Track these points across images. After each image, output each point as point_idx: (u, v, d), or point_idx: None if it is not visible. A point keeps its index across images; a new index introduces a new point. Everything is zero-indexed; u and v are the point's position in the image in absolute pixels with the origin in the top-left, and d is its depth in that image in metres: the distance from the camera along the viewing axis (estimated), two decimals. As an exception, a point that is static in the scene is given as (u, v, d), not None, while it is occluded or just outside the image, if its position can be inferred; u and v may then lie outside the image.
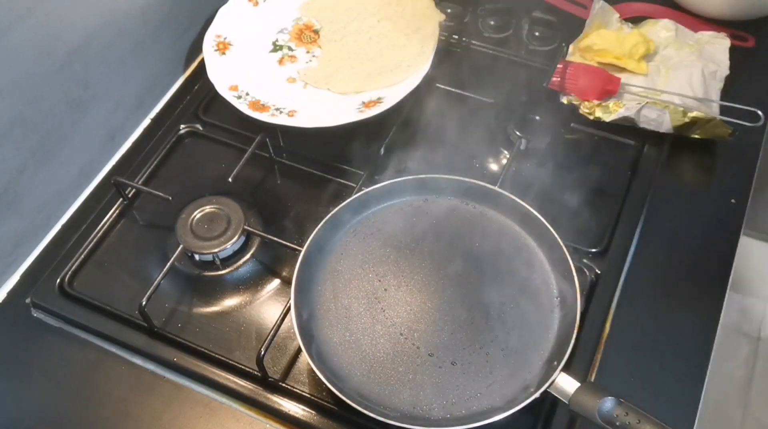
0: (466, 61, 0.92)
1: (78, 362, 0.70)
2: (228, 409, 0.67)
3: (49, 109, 0.74)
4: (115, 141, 0.86)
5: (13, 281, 0.76)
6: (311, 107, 0.85)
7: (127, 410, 0.67)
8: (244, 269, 0.75)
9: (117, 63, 0.81)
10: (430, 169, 0.75)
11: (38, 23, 0.68)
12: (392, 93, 0.83)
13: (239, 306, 0.73)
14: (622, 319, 0.70)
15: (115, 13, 0.78)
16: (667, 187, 0.80)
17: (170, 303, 0.73)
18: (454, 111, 0.86)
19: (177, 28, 0.91)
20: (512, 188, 0.73)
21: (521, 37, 0.94)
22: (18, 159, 0.72)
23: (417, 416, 0.61)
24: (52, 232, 0.79)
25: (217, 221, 0.75)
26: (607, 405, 0.57)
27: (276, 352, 0.69)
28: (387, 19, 0.93)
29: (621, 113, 0.81)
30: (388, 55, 0.89)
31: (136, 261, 0.77)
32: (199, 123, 0.88)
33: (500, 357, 0.64)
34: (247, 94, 0.85)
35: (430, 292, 0.68)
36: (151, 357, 0.70)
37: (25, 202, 0.75)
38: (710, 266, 0.74)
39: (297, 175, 0.83)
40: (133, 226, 0.80)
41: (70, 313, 0.72)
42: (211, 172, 0.83)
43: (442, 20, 0.91)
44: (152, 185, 0.82)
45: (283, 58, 0.91)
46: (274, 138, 0.84)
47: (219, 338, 0.71)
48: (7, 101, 0.68)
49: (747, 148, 0.82)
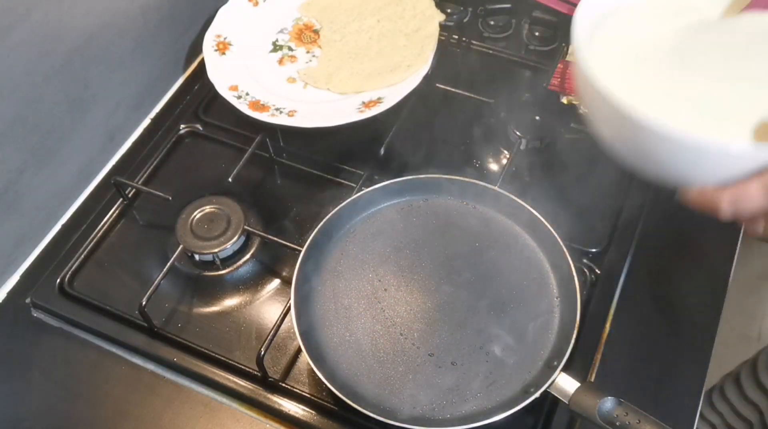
0: (466, 61, 0.93)
1: (78, 362, 0.70)
2: (228, 409, 0.67)
3: (49, 109, 0.74)
4: (115, 141, 0.86)
5: (13, 281, 0.76)
6: (311, 107, 0.85)
7: (127, 410, 0.67)
8: (244, 269, 0.75)
9: (117, 63, 0.81)
10: (430, 169, 0.75)
11: (38, 23, 0.68)
12: (392, 93, 0.83)
13: (239, 306, 0.73)
14: (622, 319, 0.70)
15: (115, 13, 0.78)
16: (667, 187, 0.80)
17: (170, 303, 0.73)
18: (454, 111, 0.86)
19: (177, 28, 0.91)
20: (512, 188, 0.72)
21: (521, 37, 0.94)
22: (18, 159, 0.72)
23: (417, 416, 0.61)
24: (52, 232, 0.79)
25: (217, 221, 0.75)
26: (607, 405, 0.57)
27: (276, 352, 0.69)
28: (387, 19, 0.93)
29: (621, 113, 0.81)
30: (388, 55, 0.89)
31: (136, 261, 0.77)
32: (199, 123, 0.88)
33: (500, 357, 0.64)
34: (247, 94, 0.85)
35: (430, 292, 0.68)
36: (151, 357, 0.70)
37: (25, 202, 0.75)
38: (710, 266, 0.74)
39: (297, 175, 0.83)
40: (133, 226, 0.80)
41: (70, 313, 0.72)
42: (211, 172, 0.83)
43: (442, 20, 0.91)
44: (152, 185, 0.82)
45: (283, 58, 0.91)
46: (274, 138, 0.84)
47: (219, 338, 0.71)
48: (7, 101, 0.68)
49: (747, 148, 0.82)
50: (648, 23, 0.55)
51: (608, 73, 0.48)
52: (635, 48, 0.53)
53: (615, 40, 0.54)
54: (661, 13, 0.55)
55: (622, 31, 0.54)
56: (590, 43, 0.53)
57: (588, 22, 0.53)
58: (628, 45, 0.53)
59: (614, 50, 0.53)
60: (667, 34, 0.53)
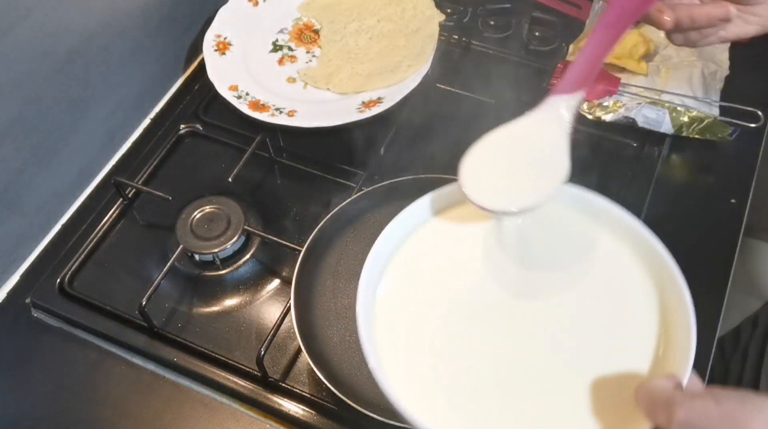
0: (466, 61, 0.93)
1: (78, 362, 0.70)
2: (228, 409, 0.67)
3: (49, 109, 0.74)
4: (115, 141, 0.86)
5: (13, 281, 0.76)
6: (311, 107, 0.85)
7: (127, 410, 0.67)
8: (244, 269, 0.75)
9: (117, 63, 0.81)
10: (430, 169, 0.75)
11: (38, 23, 0.68)
12: (392, 93, 0.83)
13: (239, 306, 0.73)
14: (622, 319, 0.70)
15: (114, 13, 0.78)
16: (667, 187, 0.80)
17: (170, 303, 0.73)
18: (454, 111, 0.86)
19: (177, 28, 0.91)
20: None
21: (521, 37, 0.94)
22: (18, 159, 0.72)
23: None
24: (52, 232, 0.79)
25: (217, 221, 0.75)
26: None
27: (276, 352, 0.69)
28: (387, 19, 0.93)
29: (621, 113, 0.81)
30: (388, 55, 0.89)
31: (136, 261, 0.77)
32: (199, 123, 0.88)
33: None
34: (247, 94, 0.85)
35: (430, 292, 0.68)
36: (151, 357, 0.70)
37: (25, 202, 0.75)
38: (710, 266, 0.74)
39: (297, 175, 0.83)
40: (133, 226, 0.80)
41: (70, 313, 0.72)
42: (211, 172, 0.83)
43: (442, 20, 0.91)
44: (152, 185, 0.82)
45: (283, 58, 0.91)
46: (274, 138, 0.84)
47: (219, 338, 0.71)
48: (7, 101, 0.68)
49: (747, 148, 0.82)
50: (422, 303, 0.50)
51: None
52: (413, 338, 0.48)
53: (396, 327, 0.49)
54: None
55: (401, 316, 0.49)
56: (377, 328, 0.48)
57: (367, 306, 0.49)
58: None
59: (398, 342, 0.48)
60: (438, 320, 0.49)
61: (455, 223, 0.53)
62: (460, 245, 0.52)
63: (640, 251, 0.49)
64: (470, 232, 0.52)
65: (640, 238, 0.49)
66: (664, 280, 0.48)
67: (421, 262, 0.51)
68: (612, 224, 0.51)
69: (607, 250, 0.50)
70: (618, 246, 0.50)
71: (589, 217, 0.52)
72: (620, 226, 0.50)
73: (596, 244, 0.51)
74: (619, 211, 0.50)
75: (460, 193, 0.50)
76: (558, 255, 0.51)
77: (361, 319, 0.46)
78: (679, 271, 0.46)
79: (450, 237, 0.52)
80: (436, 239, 0.52)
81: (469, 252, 0.51)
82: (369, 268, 0.49)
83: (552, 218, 0.52)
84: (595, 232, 0.51)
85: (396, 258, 0.51)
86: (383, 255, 0.51)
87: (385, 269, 0.51)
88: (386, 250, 0.51)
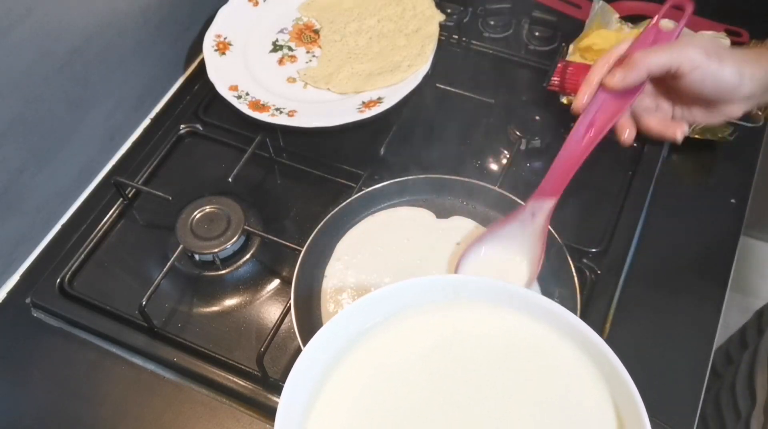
0: (466, 61, 0.93)
1: (78, 362, 0.70)
2: (228, 409, 0.67)
3: (49, 109, 0.74)
4: (115, 141, 0.86)
5: (13, 281, 0.76)
6: (311, 107, 0.85)
7: (127, 410, 0.67)
8: (244, 269, 0.75)
9: (117, 63, 0.81)
10: (430, 169, 0.75)
11: (38, 23, 0.68)
12: (392, 93, 0.83)
13: (239, 306, 0.73)
14: (622, 319, 0.70)
15: (115, 13, 0.78)
16: (667, 187, 0.80)
17: (170, 303, 0.73)
18: (454, 111, 0.86)
19: (177, 28, 0.91)
20: (512, 188, 0.72)
21: (521, 37, 0.94)
22: (18, 159, 0.72)
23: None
24: (52, 232, 0.79)
25: (217, 221, 0.74)
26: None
27: (276, 352, 0.69)
28: (387, 19, 0.93)
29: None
30: (388, 55, 0.89)
31: (136, 261, 0.77)
32: (199, 123, 0.88)
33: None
34: (247, 94, 0.85)
35: (430, 292, 0.68)
36: (151, 357, 0.70)
37: (25, 202, 0.75)
38: (710, 266, 0.74)
39: (297, 175, 0.83)
40: (133, 226, 0.80)
41: (70, 313, 0.72)
42: (211, 172, 0.83)
43: (442, 20, 0.91)
44: (152, 185, 0.82)
45: (283, 58, 0.91)
46: (274, 138, 0.84)
47: (219, 338, 0.71)
48: (7, 101, 0.68)
49: (747, 148, 0.82)
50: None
51: None
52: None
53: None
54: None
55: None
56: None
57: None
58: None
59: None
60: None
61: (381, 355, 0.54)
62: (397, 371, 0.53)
63: (583, 348, 0.52)
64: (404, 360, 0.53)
65: (585, 338, 0.51)
66: (610, 375, 0.50)
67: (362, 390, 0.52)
68: (553, 322, 0.53)
69: (551, 348, 0.53)
70: (560, 343, 0.53)
71: (530, 317, 0.54)
72: (561, 322, 0.53)
73: (540, 345, 0.53)
74: (559, 309, 0.53)
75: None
76: (501, 369, 0.53)
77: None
78: (623, 368, 0.50)
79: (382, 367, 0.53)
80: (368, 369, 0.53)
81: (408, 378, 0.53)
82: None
83: (492, 326, 0.54)
84: (537, 332, 0.53)
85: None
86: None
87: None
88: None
